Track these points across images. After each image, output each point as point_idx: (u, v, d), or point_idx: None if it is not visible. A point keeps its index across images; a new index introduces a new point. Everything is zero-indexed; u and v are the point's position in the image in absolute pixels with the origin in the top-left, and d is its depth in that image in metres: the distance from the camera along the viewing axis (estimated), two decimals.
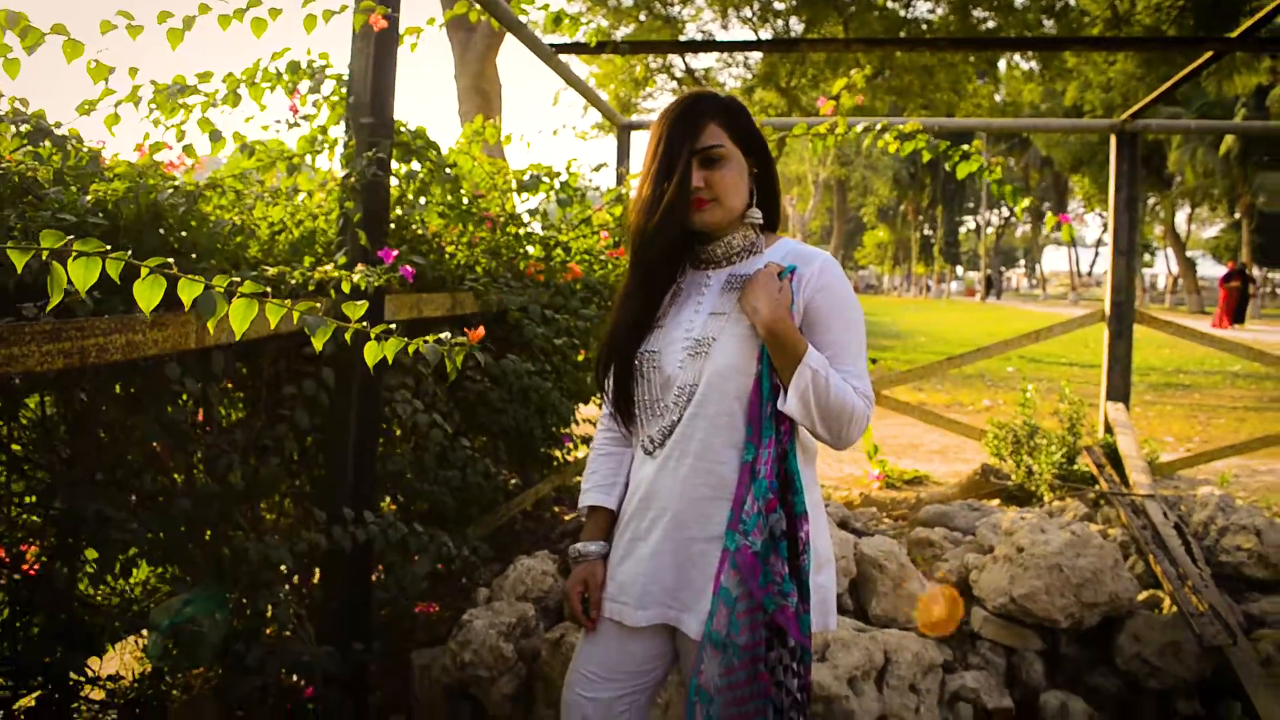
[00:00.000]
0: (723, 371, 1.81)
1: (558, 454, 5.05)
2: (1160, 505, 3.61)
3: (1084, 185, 39.15)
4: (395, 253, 2.79)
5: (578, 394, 4.80)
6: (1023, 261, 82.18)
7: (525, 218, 4.48)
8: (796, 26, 20.93)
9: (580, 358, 4.74)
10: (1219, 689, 2.91)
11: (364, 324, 1.75)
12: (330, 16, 2.70)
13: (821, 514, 1.88)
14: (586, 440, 5.19)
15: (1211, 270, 65.28)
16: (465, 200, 3.71)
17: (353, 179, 2.88)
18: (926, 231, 59.52)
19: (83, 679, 2.46)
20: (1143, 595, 3.06)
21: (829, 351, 1.79)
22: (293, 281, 2.52)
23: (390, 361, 1.79)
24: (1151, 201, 40.10)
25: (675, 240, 1.89)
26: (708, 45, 7.84)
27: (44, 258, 1.24)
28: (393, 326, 1.82)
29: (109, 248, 1.32)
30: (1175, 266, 41.39)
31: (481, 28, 3.36)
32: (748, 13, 21.27)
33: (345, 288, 2.28)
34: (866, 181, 52.12)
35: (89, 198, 2.18)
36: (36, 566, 2.35)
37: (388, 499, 3.55)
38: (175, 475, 2.55)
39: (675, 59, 21.84)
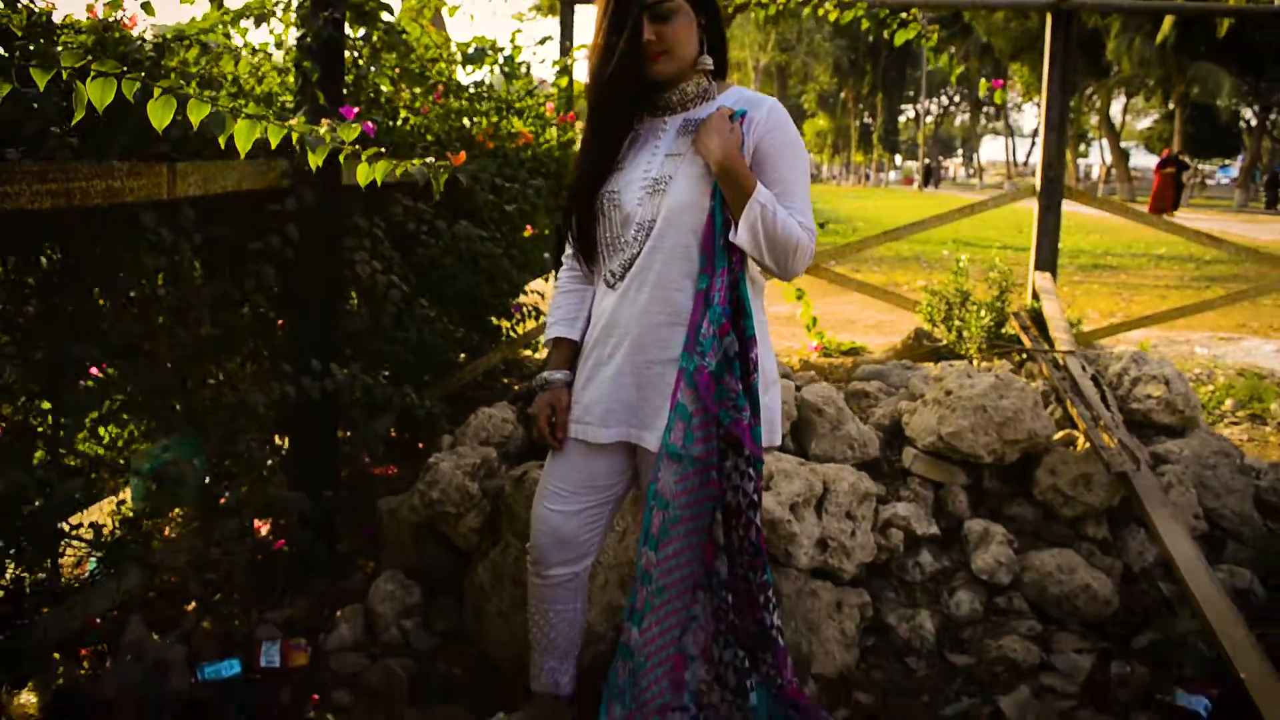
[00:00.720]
0: (678, 207, 1.96)
1: (506, 325, 5.17)
2: (1079, 360, 3.86)
3: (1023, 74, 39.19)
4: (355, 110, 2.86)
5: (526, 266, 4.92)
6: (961, 151, 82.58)
7: (472, 90, 4.52)
8: None
9: (528, 233, 4.85)
10: (1124, 516, 3.20)
11: (354, 147, 1.84)
12: None
13: (768, 340, 2.06)
14: (537, 314, 5.33)
15: (1144, 161, 66.18)
16: (417, 67, 3.75)
17: (309, 38, 2.92)
18: (866, 120, 59.44)
19: (68, 526, 2.58)
20: (1059, 435, 3.31)
21: (776, 189, 1.94)
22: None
23: (379, 184, 1.90)
24: (1089, 91, 40.37)
25: (630, 90, 2.01)
26: None
27: (64, 76, 1.33)
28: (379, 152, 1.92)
29: (125, 68, 1.40)
30: (1109, 156, 41.92)
31: None
32: None
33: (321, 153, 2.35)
34: (807, 68, 51.76)
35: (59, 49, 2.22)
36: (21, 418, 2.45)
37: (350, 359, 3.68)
38: (151, 326, 2.64)
39: None
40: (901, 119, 66.42)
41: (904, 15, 4.28)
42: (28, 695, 2.34)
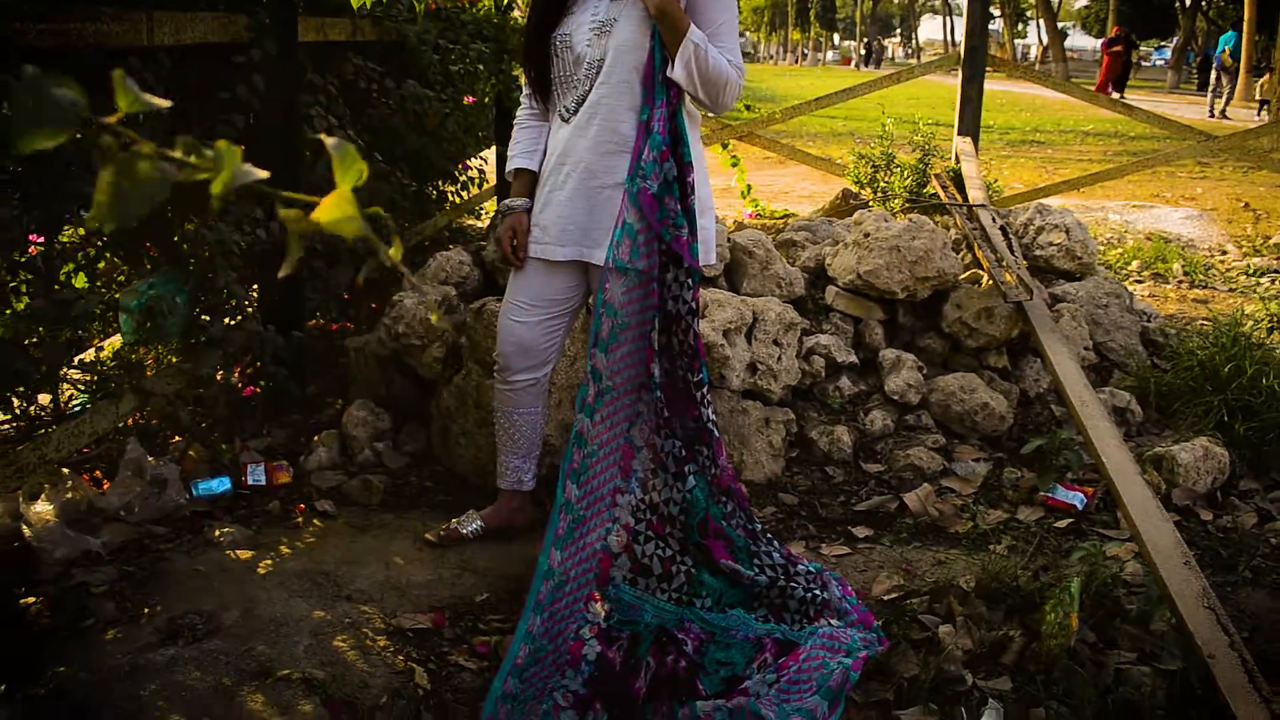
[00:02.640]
0: (623, 47, 2.20)
1: (451, 190, 5.36)
2: (990, 212, 4.19)
3: None
4: None
5: (470, 130, 5.10)
6: (899, 30, 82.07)
7: None
8: None
9: (468, 102, 5.01)
10: (1023, 349, 3.57)
11: None
12: None
13: (705, 169, 2.34)
14: (481, 181, 5.53)
15: (1081, 42, 66.37)
16: None
17: None
18: None
19: (64, 363, 2.80)
20: (965, 275, 3.66)
21: (708, 30, 2.19)
22: None
23: (369, 5, 2.09)
24: None
25: None
26: None
27: None
28: None
29: None
30: (1046, 36, 42.05)
31: None
32: None
33: None
34: None
35: None
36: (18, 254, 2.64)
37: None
38: None
39: None
40: None
41: None
42: (43, 504, 2.60)
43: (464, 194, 5.45)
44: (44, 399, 2.85)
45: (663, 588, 2.32)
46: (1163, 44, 57.82)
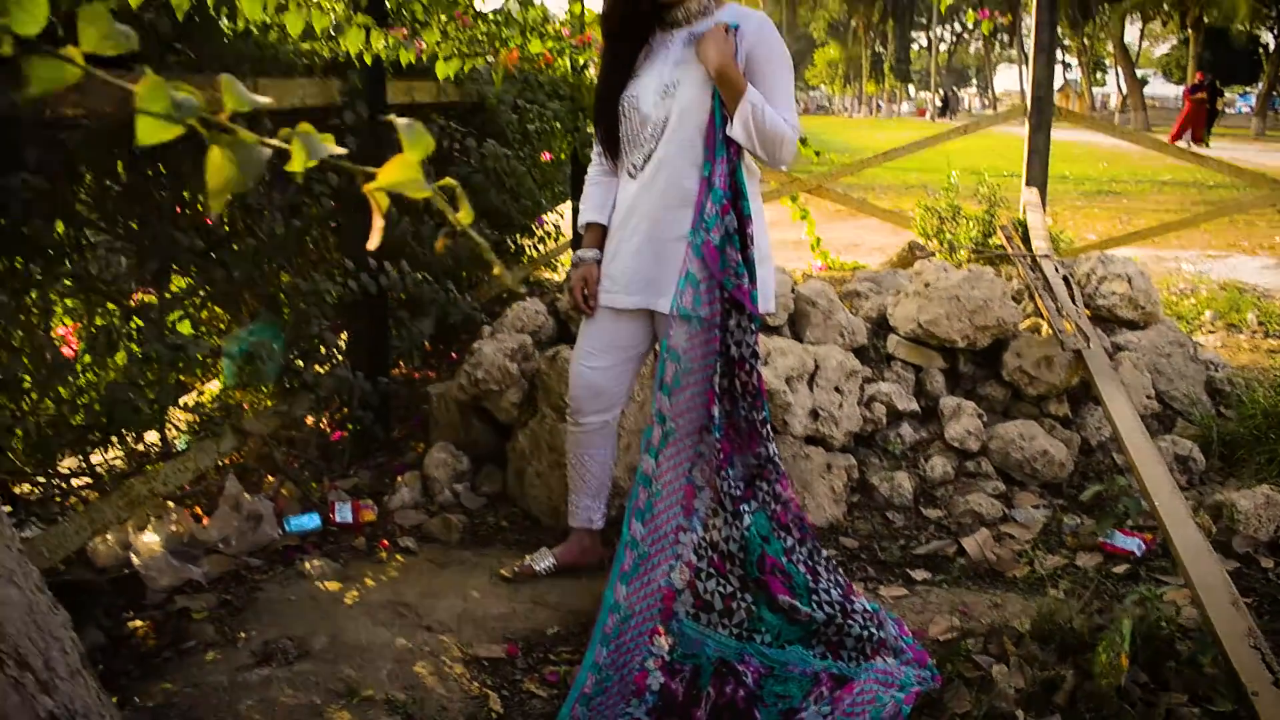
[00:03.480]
0: (686, 108, 2.37)
1: (529, 244, 5.58)
2: (1053, 262, 4.26)
3: None
4: (405, 31, 3.24)
5: (547, 186, 5.32)
6: (976, 80, 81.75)
7: (491, 15, 4.88)
8: None
9: (546, 159, 5.23)
10: (1084, 396, 3.63)
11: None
12: None
13: (763, 221, 2.48)
14: (558, 234, 5.74)
15: (1162, 89, 65.41)
16: None
17: None
18: (878, 49, 58.90)
19: (173, 404, 3.02)
20: (1026, 323, 3.73)
21: (765, 91, 2.35)
22: (320, 59, 3.01)
23: (453, 76, 2.29)
24: (1104, 16, 39.98)
25: (640, 10, 2.42)
26: None
27: None
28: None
29: None
30: (1125, 85, 41.60)
31: None
32: None
33: (375, 45, 2.74)
34: None
35: None
36: (132, 300, 2.88)
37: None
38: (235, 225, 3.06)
39: None
40: (914, 47, 65.75)
41: None
42: (151, 535, 2.81)
43: (541, 247, 5.67)
44: (152, 437, 3.07)
45: (724, 623, 2.43)
46: (1247, 90, 56.74)
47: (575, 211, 6.28)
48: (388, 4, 3.63)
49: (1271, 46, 39.09)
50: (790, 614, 2.43)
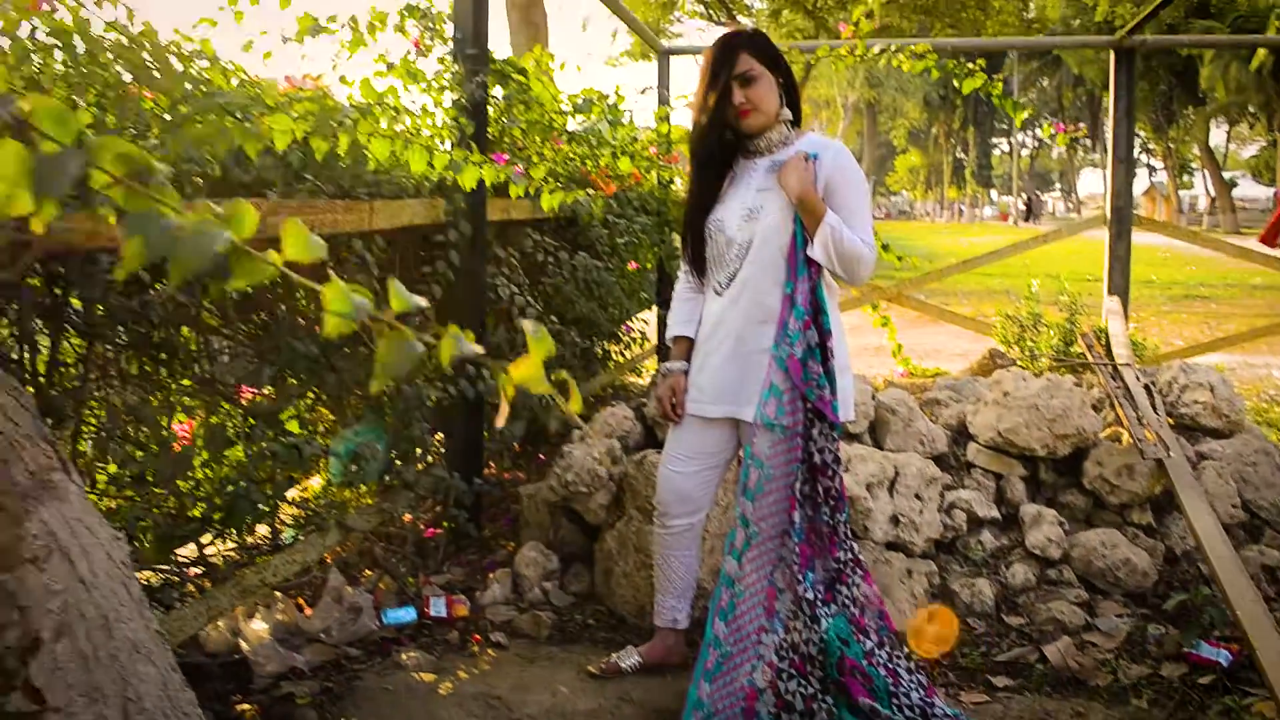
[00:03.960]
0: (768, 231, 2.53)
1: (615, 349, 5.77)
2: (1135, 372, 4.29)
3: None
4: (506, 157, 3.49)
5: (633, 295, 5.53)
6: (1059, 184, 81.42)
7: (586, 136, 5.15)
8: None
9: (632, 268, 5.45)
10: (1168, 505, 3.63)
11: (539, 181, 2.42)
12: None
13: (843, 335, 2.61)
14: (643, 340, 5.93)
15: (1253, 191, 64.39)
16: (542, 118, 4.38)
17: (463, 100, 3.57)
18: (959, 155, 59.23)
19: (284, 499, 3.22)
20: (1106, 432, 3.76)
21: (843, 214, 2.50)
22: (428, 182, 3.26)
23: (556, 209, 2.49)
24: (1188, 120, 39.79)
25: (725, 140, 2.61)
26: None
27: (298, 136, 1.94)
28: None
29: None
30: (1212, 187, 41.12)
31: None
32: None
33: (487, 179, 2.98)
34: (896, 104, 51.95)
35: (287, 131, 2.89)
36: (251, 397, 3.10)
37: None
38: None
39: None
40: (995, 152, 65.94)
41: (970, 65, 4.76)
42: (259, 623, 2.97)
43: (626, 353, 5.86)
44: (260, 529, 3.26)
45: None
46: None
47: (660, 320, 6.50)
48: (489, 131, 3.90)
49: None
50: (870, 716, 2.48)
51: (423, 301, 0.94)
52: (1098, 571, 3.35)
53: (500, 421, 1.06)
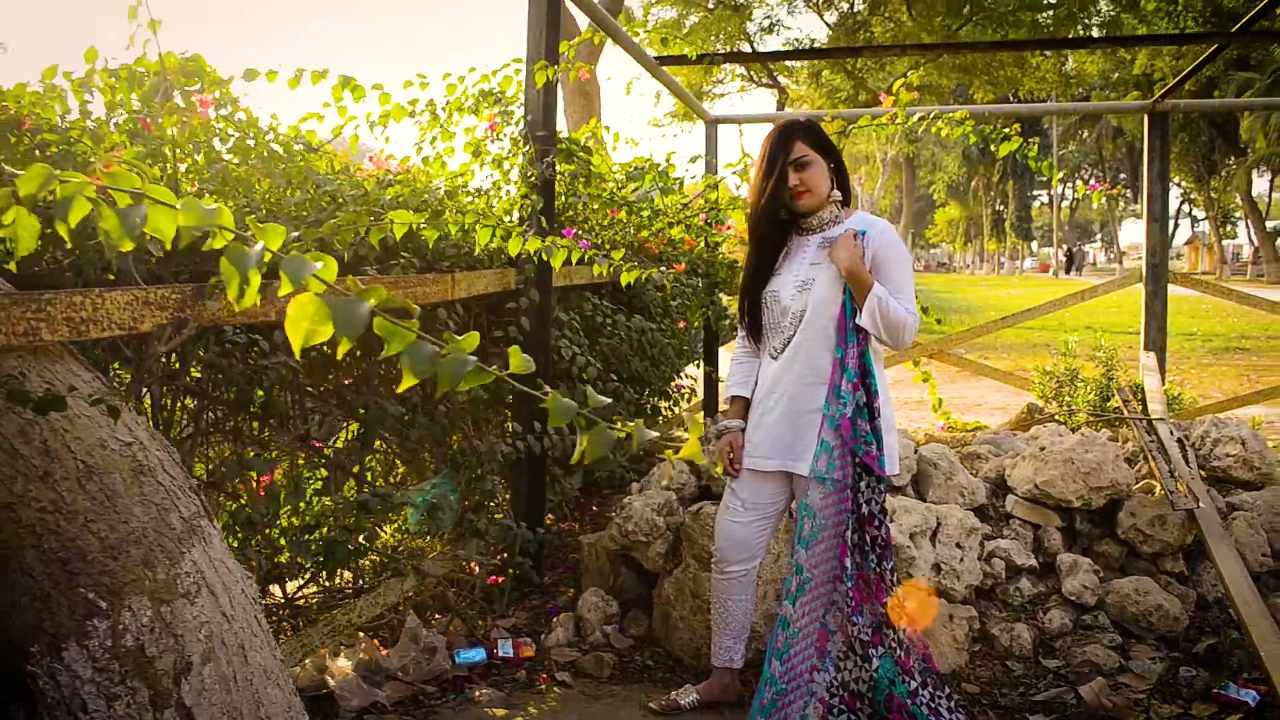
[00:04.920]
0: (820, 301, 2.78)
1: (665, 405, 6.01)
2: (1169, 426, 4.47)
3: None
4: (574, 231, 3.77)
5: (682, 354, 5.78)
6: (1100, 235, 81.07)
7: (641, 206, 5.44)
8: (860, 6, 21.58)
9: (681, 325, 5.71)
10: (1199, 554, 3.80)
11: (637, 269, 2.69)
12: (543, 81, 3.69)
13: (888, 395, 2.84)
14: (690, 395, 6.16)
15: None
16: (602, 191, 4.68)
17: (534, 178, 3.87)
18: (998, 207, 59.26)
19: (366, 545, 3.48)
20: (1140, 484, 3.94)
21: (889, 285, 2.74)
22: (503, 254, 3.54)
23: (638, 283, 2.75)
24: (1230, 170, 39.70)
25: (780, 219, 2.87)
26: (785, 54, 8.86)
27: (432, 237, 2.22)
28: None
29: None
30: (1255, 237, 40.90)
31: (584, 43, 4.11)
32: None
33: (573, 259, 3.25)
34: (935, 158, 52.27)
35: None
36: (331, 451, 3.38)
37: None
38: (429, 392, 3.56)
39: (744, 45, 22.65)
40: (1035, 204, 65.89)
41: (1006, 130, 5.01)
42: (344, 660, 3.22)
43: (675, 409, 6.11)
44: (346, 574, 3.52)
45: None
46: None
47: (706, 376, 6.76)
48: (558, 203, 4.20)
49: None
50: None
51: (605, 400, 1.17)
52: (1131, 617, 3.52)
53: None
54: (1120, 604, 3.54)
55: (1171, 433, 4.36)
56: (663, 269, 2.96)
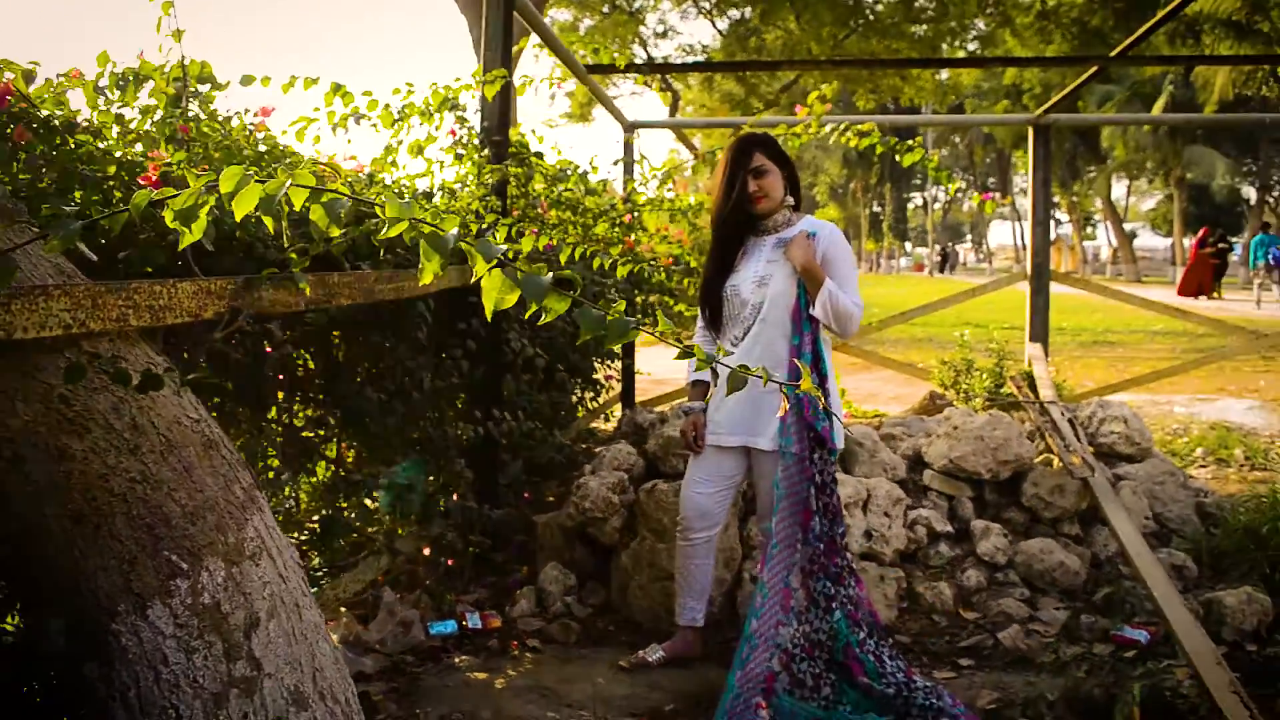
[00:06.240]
0: (777, 294, 3.12)
1: (589, 397, 6.29)
2: (1060, 408, 4.96)
3: (1026, 161, 40.98)
4: (538, 230, 4.03)
5: (608, 354, 6.09)
6: (970, 236, 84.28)
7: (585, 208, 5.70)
8: (750, 15, 22.20)
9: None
10: (1092, 519, 4.27)
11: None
12: (495, 91, 3.93)
13: (835, 379, 3.19)
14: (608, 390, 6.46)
15: (1151, 241, 67.40)
16: (552, 192, 4.94)
17: (491, 179, 4.12)
18: (875, 209, 61.17)
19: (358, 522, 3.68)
20: (1039, 459, 4.41)
21: (837, 280, 3.10)
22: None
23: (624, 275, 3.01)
24: (1091, 176, 41.91)
25: (741, 221, 3.20)
26: (714, 66, 9.20)
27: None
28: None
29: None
30: (1114, 238, 43.26)
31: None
32: (705, 4, 22.48)
33: (525, 248, 3.51)
34: (817, 161, 53.65)
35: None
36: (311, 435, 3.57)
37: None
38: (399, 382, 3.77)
39: (638, 49, 23.04)
40: (910, 206, 68.24)
41: (910, 142, 5.45)
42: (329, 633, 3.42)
43: (597, 400, 6.39)
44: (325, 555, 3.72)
45: (813, 697, 3.03)
46: (1234, 239, 58.47)
47: (624, 370, 7.06)
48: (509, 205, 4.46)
49: (1253, 200, 40.84)
50: (867, 691, 3.04)
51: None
52: (1037, 573, 3.96)
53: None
54: (1028, 562, 3.98)
55: (1063, 414, 4.85)
56: (651, 263, 3.23)
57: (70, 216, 1.35)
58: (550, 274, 1.34)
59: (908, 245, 71.71)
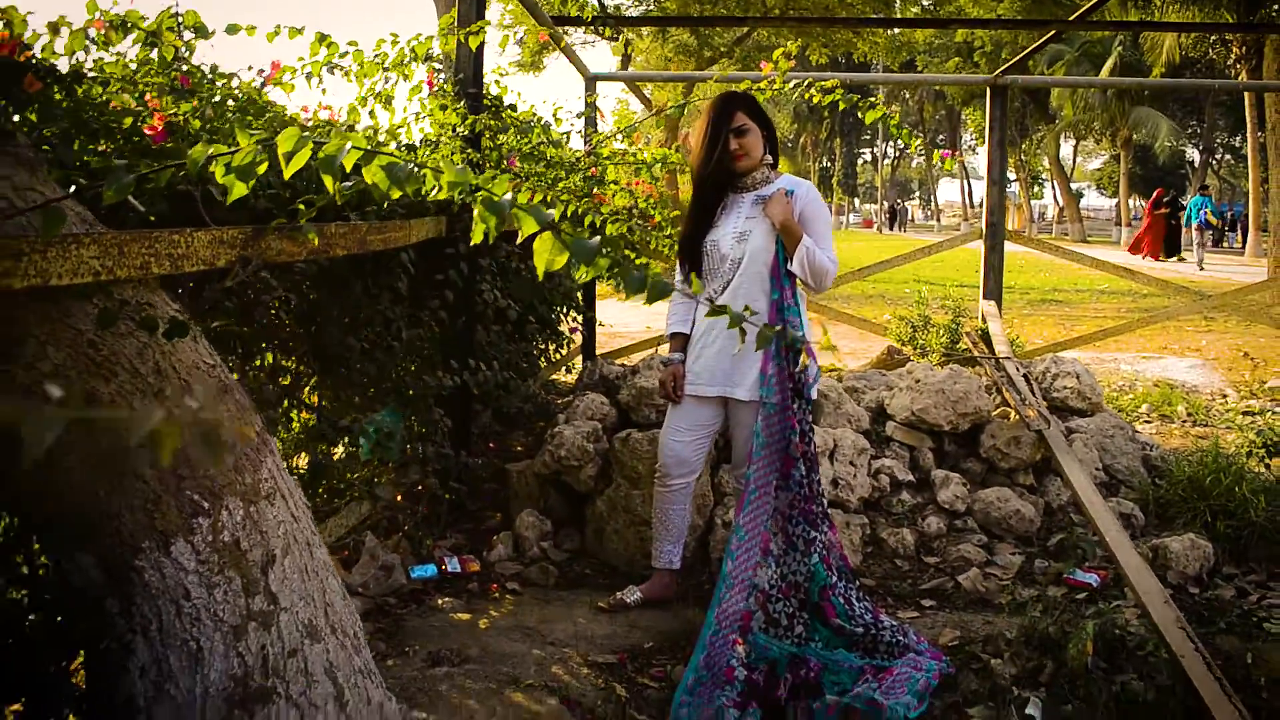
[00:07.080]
0: (756, 249, 3.22)
1: (552, 348, 6.38)
2: (1015, 364, 5.14)
3: (975, 119, 41.40)
4: (515, 184, 4.08)
5: (571, 298, 6.17)
6: (918, 193, 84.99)
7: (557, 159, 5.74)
8: None
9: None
10: (1046, 470, 4.46)
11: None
12: (477, 43, 3.96)
13: (810, 330, 3.30)
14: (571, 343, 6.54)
15: (1096, 201, 68.51)
16: (524, 145, 4.98)
17: (466, 131, 4.16)
18: (825, 164, 61.38)
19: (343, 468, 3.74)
20: (997, 411, 4.58)
21: (813, 236, 3.20)
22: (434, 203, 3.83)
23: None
24: (1039, 135, 42.41)
25: (722, 178, 3.28)
26: (685, 20, 9.14)
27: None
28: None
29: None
30: (1061, 197, 43.93)
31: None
32: None
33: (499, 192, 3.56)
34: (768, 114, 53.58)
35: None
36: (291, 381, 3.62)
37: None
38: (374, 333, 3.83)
39: None
40: (860, 162, 68.62)
41: (871, 99, 5.55)
42: None
43: (560, 353, 6.48)
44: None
45: (787, 635, 3.18)
46: (1184, 201, 59.48)
47: (587, 321, 7.14)
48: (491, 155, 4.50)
49: (1197, 162, 41.65)
50: (838, 631, 3.19)
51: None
52: (994, 521, 4.14)
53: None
54: (985, 510, 4.16)
55: (1018, 369, 5.03)
56: (641, 223, 3.31)
57: (121, 169, 1.40)
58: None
59: (856, 201, 72.16)
